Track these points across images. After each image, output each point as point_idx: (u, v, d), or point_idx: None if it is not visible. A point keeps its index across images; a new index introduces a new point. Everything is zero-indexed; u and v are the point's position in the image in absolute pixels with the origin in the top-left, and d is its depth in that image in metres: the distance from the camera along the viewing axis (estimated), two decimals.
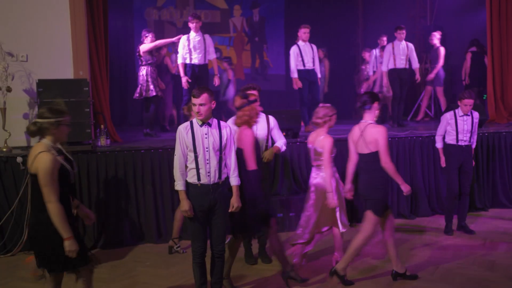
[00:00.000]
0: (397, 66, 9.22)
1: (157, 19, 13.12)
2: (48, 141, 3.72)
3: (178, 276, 5.48)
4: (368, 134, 4.92)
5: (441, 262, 5.65)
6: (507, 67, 9.27)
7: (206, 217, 4.46)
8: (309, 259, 5.77)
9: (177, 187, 4.41)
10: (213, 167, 4.37)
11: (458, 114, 6.53)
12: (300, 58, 8.76)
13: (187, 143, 4.38)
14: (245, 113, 4.89)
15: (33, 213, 3.75)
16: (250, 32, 13.96)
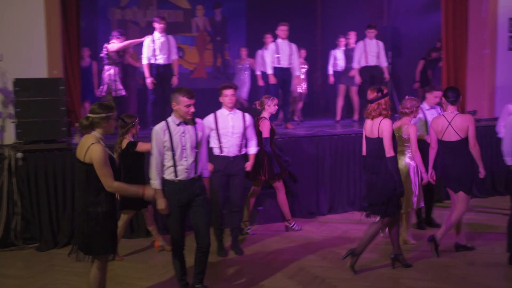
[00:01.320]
0: (369, 64, 9.48)
1: (121, 18, 13.11)
2: (98, 134, 4.14)
3: (155, 269, 5.63)
4: (458, 123, 5.54)
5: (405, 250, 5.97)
6: (461, 66, 9.75)
7: (185, 212, 4.65)
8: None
9: (154, 186, 4.50)
10: (190, 163, 4.56)
11: (425, 109, 6.72)
12: (276, 55, 8.95)
13: (164, 142, 4.52)
14: (381, 106, 5.11)
15: (82, 199, 4.14)
16: (212, 32, 14.11)
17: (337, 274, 5.36)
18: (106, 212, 4.14)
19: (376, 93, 5.16)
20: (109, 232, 4.19)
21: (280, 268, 5.56)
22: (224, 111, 5.83)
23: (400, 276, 5.25)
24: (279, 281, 5.25)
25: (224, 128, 5.79)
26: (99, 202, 4.11)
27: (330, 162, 7.72)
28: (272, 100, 6.61)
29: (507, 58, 9.41)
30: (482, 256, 5.73)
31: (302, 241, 6.47)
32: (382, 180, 5.12)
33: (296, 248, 6.23)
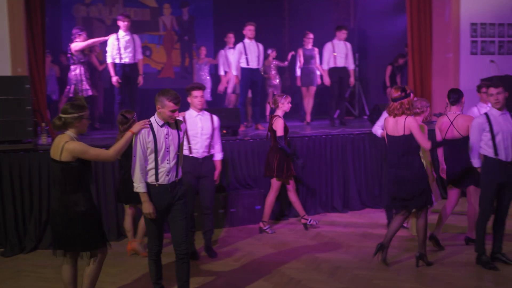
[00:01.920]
0: (337, 65, 9.48)
1: (86, 16, 12.89)
2: (71, 133, 4.20)
3: (128, 273, 5.53)
4: (459, 123, 5.91)
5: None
6: (427, 69, 9.96)
7: (164, 216, 4.54)
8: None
9: (138, 189, 4.39)
10: (172, 166, 4.45)
11: None
12: (245, 56, 8.94)
13: (148, 144, 4.38)
14: (404, 105, 5.31)
15: (60, 199, 4.19)
16: (179, 31, 14.03)
17: (312, 276, 5.38)
18: (86, 211, 4.21)
19: (400, 93, 5.37)
20: (92, 228, 4.26)
21: (254, 271, 5.55)
22: (193, 112, 5.78)
23: (373, 277, 5.31)
24: (254, 283, 5.23)
25: (193, 130, 5.73)
26: (78, 201, 4.17)
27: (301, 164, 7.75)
28: (286, 98, 6.68)
29: (469, 62, 9.68)
30: (452, 256, 5.85)
31: (276, 243, 6.49)
32: (414, 175, 5.37)
33: (270, 250, 6.23)
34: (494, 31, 9.80)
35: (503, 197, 5.48)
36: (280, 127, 6.54)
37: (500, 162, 5.38)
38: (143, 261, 5.85)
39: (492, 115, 5.42)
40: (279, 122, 6.56)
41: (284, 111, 6.70)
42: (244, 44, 8.95)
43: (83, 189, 4.22)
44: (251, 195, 7.37)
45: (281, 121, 6.57)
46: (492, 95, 5.38)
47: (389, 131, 5.52)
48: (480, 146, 5.47)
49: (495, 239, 5.60)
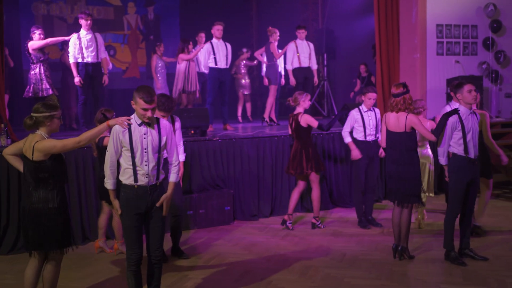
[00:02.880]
0: (302, 65, 9.43)
1: (46, 14, 12.54)
2: (42, 133, 4.21)
3: (92, 278, 5.36)
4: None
5: (348, 250, 6.08)
6: (394, 69, 10.03)
7: (143, 221, 4.27)
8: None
9: (107, 185, 4.22)
10: (152, 168, 4.19)
11: (362, 110, 6.88)
12: (213, 56, 8.81)
13: (123, 143, 4.17)
14: (407, 101, 5.46)
15: (31, 196, 4.18)
16: (145, 30, 13.83)
17: (283, 276, 5.32)
18: (57, 207, 4.20)
19: (402, 88, 5.49)
20: (61, 227, 4.24)
21: (225, 272, 5.46)
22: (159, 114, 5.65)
23: (344, 275, 5.28)
24: (225, 284, 5.14)
25: None
26: (50, 198, 4.18)
27: (271, 164, 7.71)
28: (306, 96, 6.84)
29: (436, 62, 9.81)
30: (421, 253, 5.88)
31: (246, 244, 6.40)
32: (413, 171, 5.51)
33: (241, 251, 6.14)
34: (459, 32, 9.96)
35: (469, 194, 5.55)
36: (310, 118, 6.73)
37: (469, 160, 5.45)
38: (108, 264, 5.71)
39: (462, 113, 5.48)
40: (307, 116, 6.74)
41: (304, 108, 6.85)
42: (212, 43, 8.86)
43: (56, 187, 4.21)
44: (220, 195, 7.27)
45: (307, 115, 6.76)
46: (471, 91, 5.44)
47: (390, 127, 5.60)
48: (450, 145, 5.51)
49: (463, 236, 5.66)
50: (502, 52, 10.08)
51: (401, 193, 5.57)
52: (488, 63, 10.08)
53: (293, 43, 9.50)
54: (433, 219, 7.22)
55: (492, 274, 5.20)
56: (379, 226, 6.97)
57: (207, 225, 7.16)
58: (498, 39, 10.19)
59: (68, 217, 4.37)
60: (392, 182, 5.66)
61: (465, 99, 5.50)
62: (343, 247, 6.18)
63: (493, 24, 10.01)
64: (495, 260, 5.59)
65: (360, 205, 6.99)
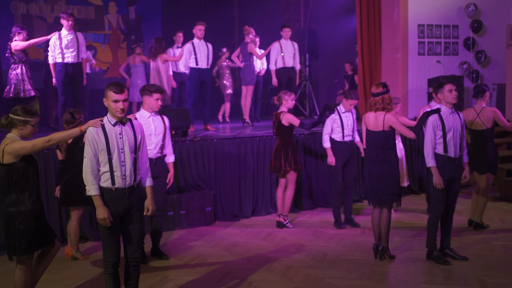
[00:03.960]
0: (286, 65, 9.36)
1: (25, 13, 12.35)
2: (14, 135, 4.19)
3: (71, 280, 5.26)
4: (484, 115, 6.53)
5: (328, 250, 6.05)
6: (376, 69, 10.07)
7: (121, 224, 4.16)
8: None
9: (90, 193, 4.01)
10: (129, 169, 4.10)
11: (341, 111, 6.89)
12: (194, 56, 8.74)
13: (99, 144, 4.04)
14: (386, 101, 5.47)
15: (3, 199, 4.17)
16: (126, 30, 13.70)
17: (264, 276, 5.27)
18: (30, 210, 4.15)
19: (382, 88, 5.51)
20: (33, 230, 4.17)
21: (206, 273, 5.40)
22: (145, 113, 5.61)
23: (325, 276, 5.25)
24: (205, 285, 5.08)
25: (147, 130, 5.55)
26: (22, 201, 4.14)
27: (252, 164, 7.66)
28: (290, 96, 6.91)
29: (417, 62, 9.85)
30: (402, 253, 5.87)
31: (227, 245, 6.35)
32: (391, 170, 5.51)
33: (222, 252, 6.09)
34: (440, 32, 10.01)
35: (450, 193, 5.55)
36: (293, 117, 6.76)
37: (449, 159, 5.46)
38: (87, 266, 5.62)
39: (443, 113, 5.48)
40: (289, 115, 6.77)
41: (288, 108, 6.90)
42: (193, 43, 8.78)
43: (28, 189, 4.16)
44: (201, 196, 7.20)
45: (289, 114, 6.80)
46: (452, 91, 5.44)
47: (369, 126, 5.60)
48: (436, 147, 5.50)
49: (444, 235, 5.66)
50: (483, 52, 10.15)
51: (380, 192, 5.56)
52: (469, 63, 10.15)
53: (277, 43, 9.44)
54: (414, 218, 7.23)
55: (472, 274, 5.21)
56: (357, 226, 6.96)
57: (188, 226, 7.09)
58: (479, 39, 10.26)
59: (43, 220, 4.29)
60: (371, 181, 5.64)
61: (446, 99, 5.50)
62: (324, 247, 6.16)
63: (474, 24, 10.08)
64: (476, 260, 5.59)
65: (337, 205, 6.97)
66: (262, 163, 7.70)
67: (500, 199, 8.35)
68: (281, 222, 7.01)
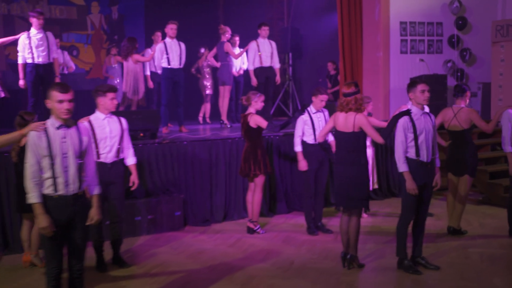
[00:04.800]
0: (263, 65, 9.04)
1: (7, 13, 12.12)
2: None
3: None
4: (462, 115, 6.27)
5: (297, 257, 5.79)
6: (357, 68, 9.83)
7: (64, 233, 3.92)
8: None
9: (31, 200, 3.79)
10: (72, 175, 3.88)
11: (311, 112, 6.62)
12: (166, 55, 8.49)
13: (40, 149, 3.81)
14: (358, 101, 5.23)
15: None
16: (109, 30, 13.48)
17: (226, 286, 5.02)
18: None
19: (354, 88, 5.27)
20: None
21: (165, 283, 5.13)
22: (100, 115, 5.35)
23: (288, 286, 5.00)
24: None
25: (101, 133, 5.30)
26: None
27: (224, 167, 7.40)
28: (259, 97, 6.60)
29: (399, 61, 9.59)
30: (372, 261, 5.61)
31: (193, 252, 6.08)
32: (360, 172, 5.26)
33: (186, 260, 5.82)
34: (424, 30, 9.75)
35: (422, 199, 5.28)
36: (260, 119, 6.46)
37: (421, 164, 5.18)
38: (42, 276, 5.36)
39: (414, 114, 5.21)
40: (257, 117, 6.48)
41: (256, 109, 6.60)
42: (165, 43, 8.53)
43: None
44: (171, 200, 6.94)
45: (257, 116, 6.51)
46: (424, 92, 5.17)
47: (339, 127, 5.34)
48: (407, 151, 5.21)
49: (415, 243, 5.39)
50: (468, 50, 9.90)
51: (349, 196, 5.30)
52: (453, 61, 9.89)
53: (254, 42, 9.12)
54: (390, 223, 6.96)
55: (443, 284, 4.95)
56: (329, 232, 6.68)
57: (156, 231, 6.82)
58: (464, 37, 10.02)
59: None
60: (340, 185, 5.37)
61: (417, 99, 5.23)
62: (292, 254, 5.89)
63: (458, 21, 9.83)
64: (448, 269, 5.32)
65: (309, 210, 6.69)
66: (234, 166, 7.43)
67: (482, 202, 8.08)
68: (251, 228, 6.75)
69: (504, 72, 8.64)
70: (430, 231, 6.55)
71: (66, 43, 13.19)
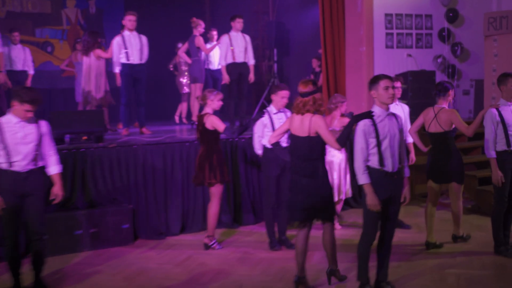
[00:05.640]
0: (236, 60, 8.25)
1: None
2: None
3: None
4: (443, 116, 5.61)
5: (247, 280, 5.03)
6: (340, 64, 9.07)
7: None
8: None
9: None
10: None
11: (271, 112, 5.85)
12: (124, 50, 7.77)
13: None
14: (318, 101, 4.59)
15: None
16: (86, 25, 12.84)
17: None
18: None
19: (312, 86, 4.61)
20: None
21: None
22: (12, 119, 4.61)
23: None
24: None
25: (12, 139, 4.57)
26: None
27: (181, 174, 6.66)
28: (216, 95, 5.89)
29: (385, 56, 8.79)
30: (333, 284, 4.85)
31: (131, 273, 5.32)
32: (317, 184, 4.55)
33: (120, 283, 5.06)
34: (411, 23, 8.95)
35: (388, 215, 4.49)
36: (217, 120, 5.71)
37: (385, 174, 4.36)
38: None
39: (377, 115, 4.41)
40: (213, 118, 5.74)
41: (213, 109, 5.89)
42: (123, 36, 7.80)
43: None
44: (118, 212, 6.21)
45: (213, 117, 5.77)
46: (388, 88, 4.34)
47: (293, 130, 4.64)
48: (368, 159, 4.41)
49: (380, 266, 4.60)
50: (459, 45, 9.07)
51: (303, 210, 4.58)
52: (444, 56, 9.07)
53: (226, 36, 8.31)
54: None
55: None
56: (293, 248, 5.88)
57: (100, 246, 6.09)
58: (455, 30, 9.19)
59: None
60: (295, 196, 4.62)
61: (381, 98, 4.39)
62: (243, 276, 5.13)
63: (449, 14, 8.99)
64: None
65: (271, 223, 5.93)
66: (193, 172, 6.68)
67: (471, 211, 7.29)
68: (206, 244, 6.01)
69: (497, 68, 7.81)
70: (406, 245, 5.81)
71: (40, 39, 12.58)
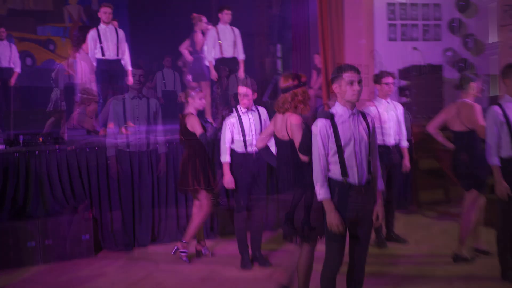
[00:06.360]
0: (224, 55, 7.67)
1: None
2: None
3: None
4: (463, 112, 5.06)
5: None
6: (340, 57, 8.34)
7: None
8: None
9: None
10: None
11: (240, 111, 5.18)
12: (99, 44, 7.30)
13: None
14: (297, 97, 4.02)
15: None
16: (88, 22, 12.47)
17: None
18: None
19: (292, 81, 4.04)
20: None
21: None
22: None
23: None
24: None
25: None
26: None
27: (150, 178, 6.09)
28: (197, 93, 5.43)
29: (387, 49, 8.04)
30: None
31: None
32: (308, 194, 3.91)
33: None
34: (417, 13, 8.16)
35: (357, 238, 3.66)
36: (195, 123, 5.23)
37: (350, 187, 3.52)
38: None
39: (338, 115, 3.59)
40: (193, 119, 5.26)
41: (196, 109, 5.42)
42: (99, 30, 7.32)
43: None
44: (77, 221, 5.68)
45: (194, 118, 5.29)
46: (353, 83, 3.54)
47: (276, 132, 4.21)
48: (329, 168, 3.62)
49: None
50: (472, 36, 8.24)
51: (292, 225, 3.99)
52: (454, 49, 8.24)
53: (213, 29, 7.73)
54: None
55: None
56: (267, 265, 5.24)
57: (56, 259, 5.58)
58: (467, 21, 8.35)
59: None
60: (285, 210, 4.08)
61: (343, 94, 3.57)
62: None
63: (460, 2, 8.17)
64: None
65: (242, 238, 5.24)
66: (165, 176, 6.13)
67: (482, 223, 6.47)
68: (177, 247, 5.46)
69: None
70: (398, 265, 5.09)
71: (42, 37, 12.31)
